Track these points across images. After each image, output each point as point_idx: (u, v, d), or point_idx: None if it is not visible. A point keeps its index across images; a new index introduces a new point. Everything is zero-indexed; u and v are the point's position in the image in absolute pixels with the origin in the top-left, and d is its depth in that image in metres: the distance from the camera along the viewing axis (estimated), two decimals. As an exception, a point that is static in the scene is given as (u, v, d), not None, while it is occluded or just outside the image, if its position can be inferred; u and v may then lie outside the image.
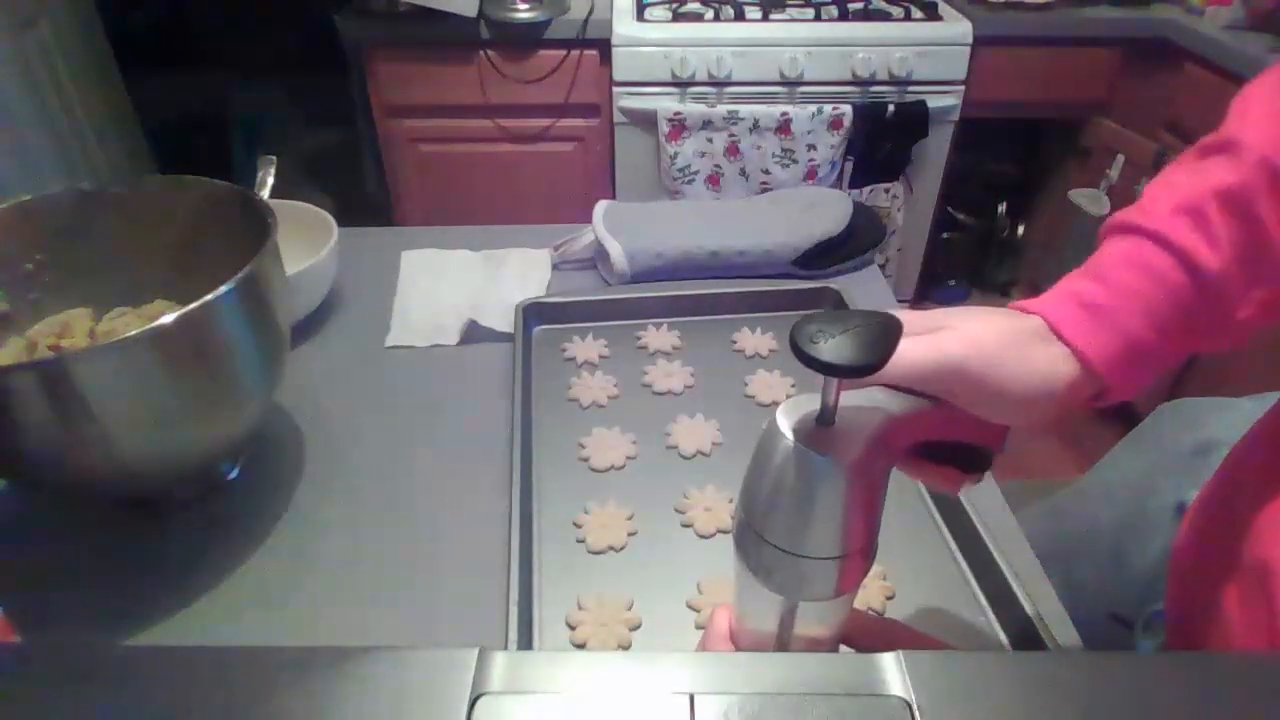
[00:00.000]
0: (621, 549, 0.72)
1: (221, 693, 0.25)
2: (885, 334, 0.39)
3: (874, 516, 0.43)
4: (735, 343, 0.97)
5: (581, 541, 0.72)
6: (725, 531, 0.73)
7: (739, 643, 0.51)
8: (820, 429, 0.40)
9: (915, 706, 0.25)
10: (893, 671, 0.26)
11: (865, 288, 1.05)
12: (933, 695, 0.26)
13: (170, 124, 2.85)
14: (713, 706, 0.26)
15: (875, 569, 0.69)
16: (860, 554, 0.42)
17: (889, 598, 0.67)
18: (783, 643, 0.47)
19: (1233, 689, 0.27)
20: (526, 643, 0.62)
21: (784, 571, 0.42)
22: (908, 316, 0.45)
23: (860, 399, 0.43)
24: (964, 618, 0.66)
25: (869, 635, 0.51)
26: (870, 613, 0.65)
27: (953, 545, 0.72)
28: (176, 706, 0.24)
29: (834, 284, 1.01)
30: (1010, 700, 0.26)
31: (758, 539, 0.42)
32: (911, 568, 0.69)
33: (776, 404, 0.89)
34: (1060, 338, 0.45)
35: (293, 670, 0.26)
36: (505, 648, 0.60)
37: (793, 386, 0.89)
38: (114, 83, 2.48)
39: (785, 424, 0.40)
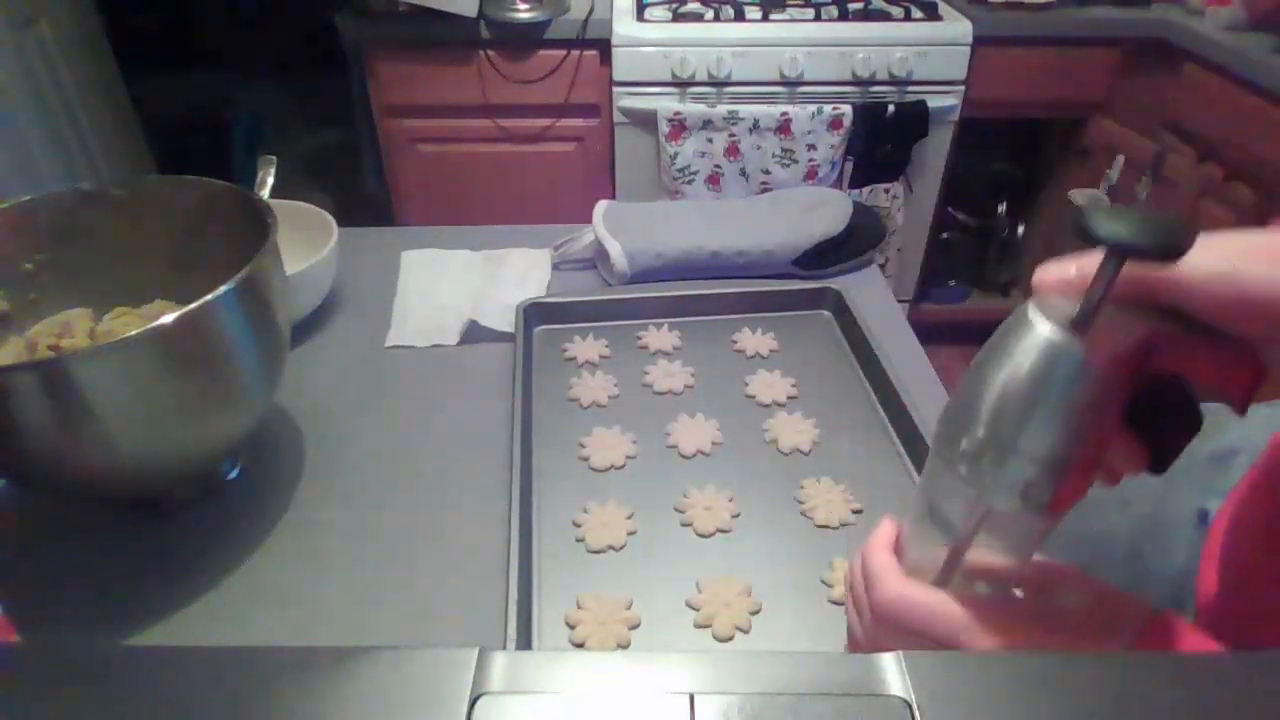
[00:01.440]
0: (621, 548, 0.72)
1: (221, 693, 0.25)
2: (1178, 226, 0.35)
3: (1108, 429, 0.40)
4: (735, 343, 0.97)
5: (581, 540, 0.72)
6: (725, 531, 0.73)
7: (903, 557, 0.49)
8: (1075, 322, 0.38)
9: (915, 706, 0.25)
10: (893, 671, 0.26)
11: (865, 288, 1.05)
12: (933, 695, 0.26)
13: (170, 124, 2.85)
14: (713, 706, 0.26)
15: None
16: (1082, 469, 0.39)
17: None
18: (951, 567, 0.45)
19: (1233, 689, 0.27)
20: (526, 642, 0.62)
21: (999, 468, 0.39)
22: None
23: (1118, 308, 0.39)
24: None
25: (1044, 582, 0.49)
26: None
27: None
28: (176, 706, 0.24)
29: (834, 284, 1.01)
30: (1010, 700, 0.26)
31: (979, 428, 0.39)
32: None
33: (777, 404, 0.89)
34: None
35: (293, 670, 0.26)
36: (504, 647, 0.60)
37: (793, 386, 0.89)
38: (114, 83, 2.49)
39: (1039, 312, 0.38)
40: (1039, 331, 0.38)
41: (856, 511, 0.75)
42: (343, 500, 0.77)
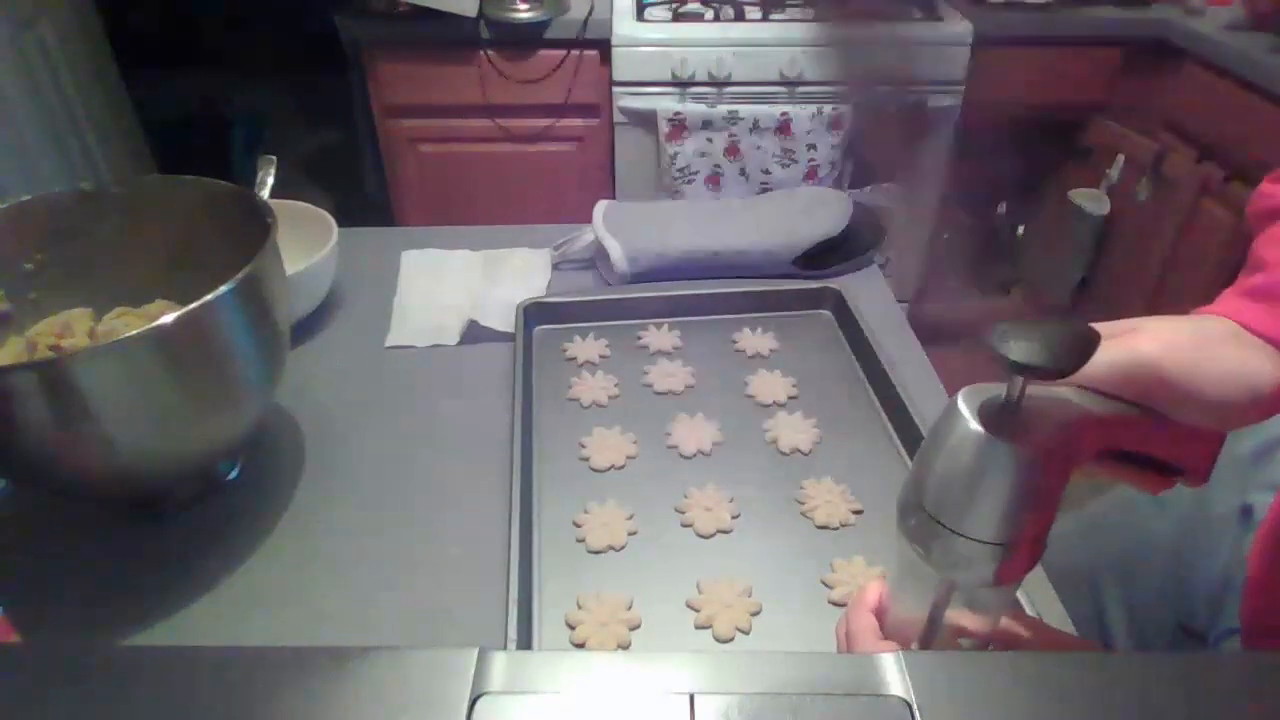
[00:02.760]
0: (621, 549, 0.72)
1: (221, 693, 0.25)
2: (1080, 341, 0.40)
3: (1047, 511, 0.43)
4: (735, 342, 0.97)
5: (581, 541, 0.72)
6: (725, 532, 0.73)
7: (884, 623, 0.52)
8: (1003, 415, 0.41)
9: (915, 706, 0.25)
10: (893, 671, 0.26)
11: (865, 288, 1.05)
12: (933, 695, 0.26)
13: (170, 124, 2.85)
14: (713, 706, 0.26)
15: (874, 569, 0.69)
16: (1028, 545, 0.42)
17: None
18: (931, 632, 0.48)
19: (1234, 689, 0.27)
20: (526, 642, 0.62)
21: (946, 550, 0.42)
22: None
23: (1053, 393, 0.44)
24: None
25: (1026, 639, 0.51)
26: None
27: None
28: (176, 706, 0.24)
29: (834, 284, 1.02)
30: (1010, 700, 0.26)
31: (924, 512, 0.42)
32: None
33: (777, 404, 0.89)
34: (1251, 332, 0.45)
35: (293, 670, 0.26)
36: (505, 647, 0.60)
37: (794, 386, 0.89)
38: (114, 83, 2.49)
39: (967, 406, 0.41)
40: (966, 426, 0.41)
41: (857, 512, 0.75)
42: (342, 500, 0.77)
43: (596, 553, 0.71)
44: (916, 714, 0.25)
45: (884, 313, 1.00)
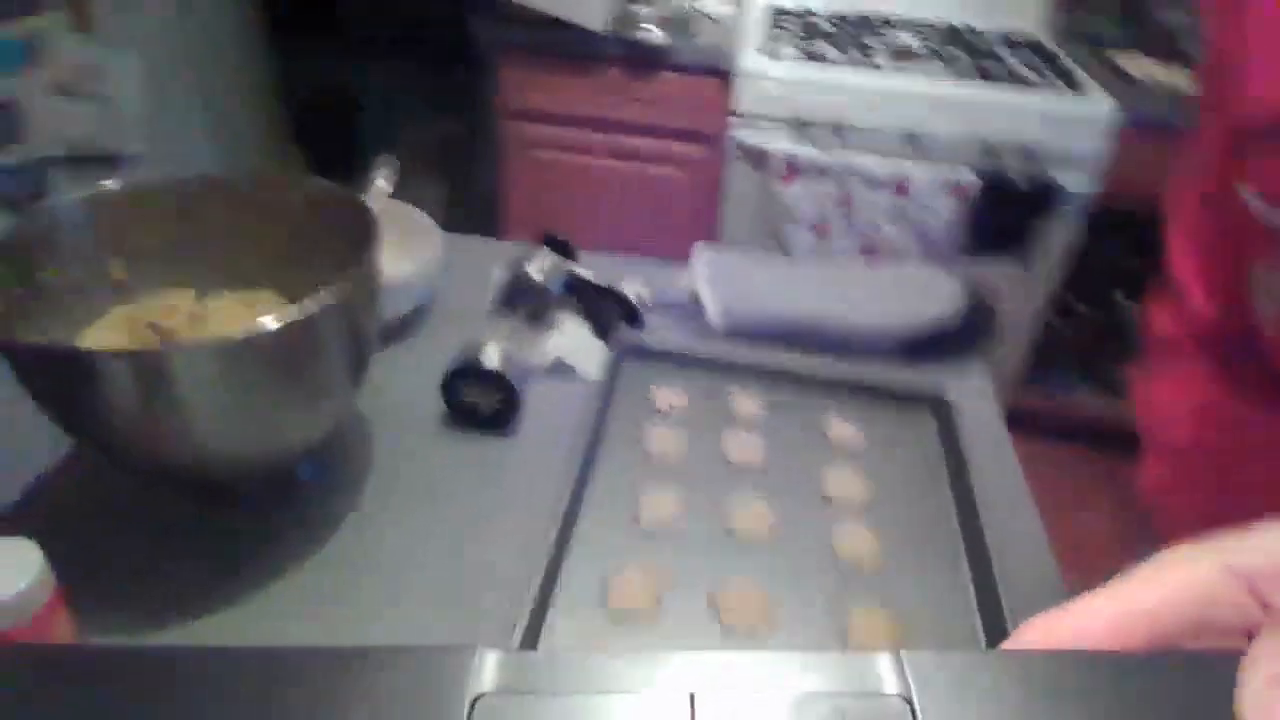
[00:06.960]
0: (643, 615, 0.70)
1: (222, 693, 0.26)
2: None
3: None
4: (822, 428, 0.91)
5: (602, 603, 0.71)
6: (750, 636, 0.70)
7: None
8: None
9: (915, 706, 0.25)
10: (893, 671, 0.26)
11: (968, 390, 0.98)
12: (933, 695, 0.25)
13: (306, 101, 2.94)
14: (713, 706, 0.26)
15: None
16: None
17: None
18: None
19: (1232, 689, 0.26)
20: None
21: None
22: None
23: None
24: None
25: None
26: None
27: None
28: (177, 706, 0.25)
29: (943, 391, 0.94)
30: (1011, 700, 0.25)
31: None
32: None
33: (848, 507, 0.82)
34: None
35: (293, 670, 0.27)
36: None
37: (871, 490, 0.83)
38: (261, 55, 2.59)
39: None
40: None
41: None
42: (409, 508, 0.79)
43: (617, 613, 0.70)
44: (917, 714, 0.25)
45: (986, 421, 0.95)
